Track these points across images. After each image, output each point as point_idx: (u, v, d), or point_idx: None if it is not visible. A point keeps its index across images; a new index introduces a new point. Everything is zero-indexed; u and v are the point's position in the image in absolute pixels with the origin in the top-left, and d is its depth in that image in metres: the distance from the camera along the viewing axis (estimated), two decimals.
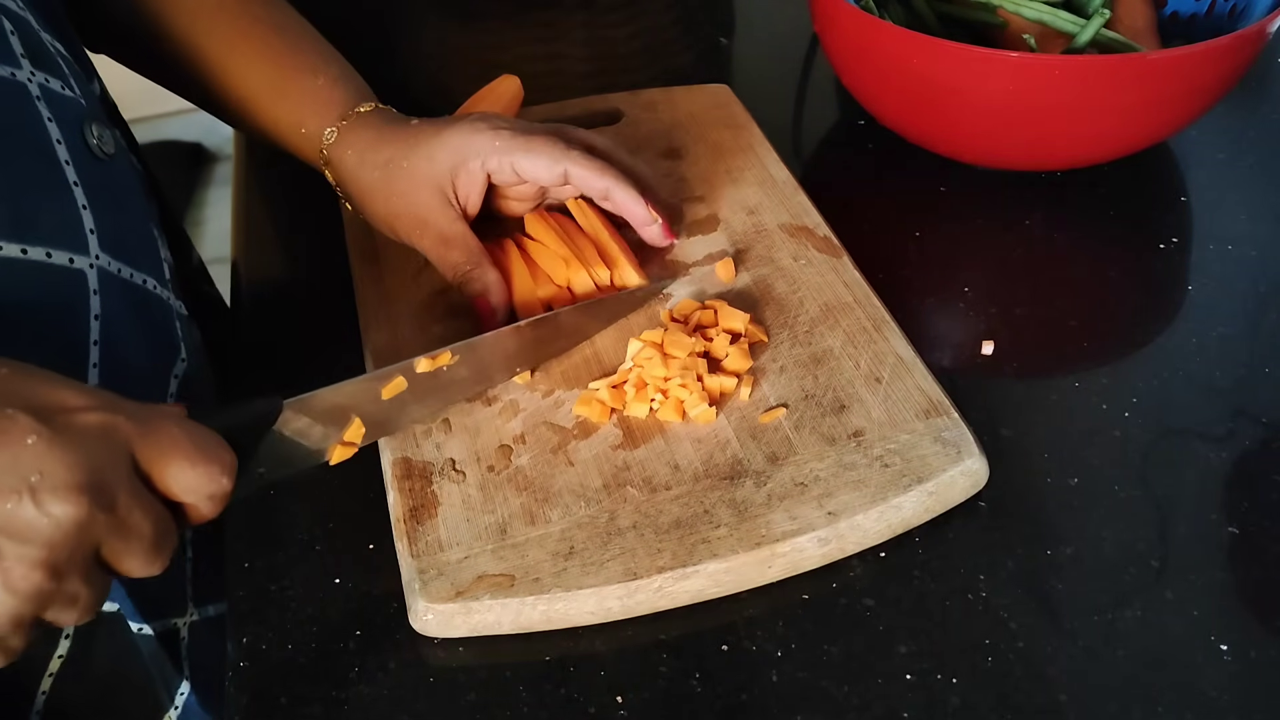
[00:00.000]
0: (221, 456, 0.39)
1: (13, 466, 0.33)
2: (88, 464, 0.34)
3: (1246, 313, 0.62)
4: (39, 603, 0.35)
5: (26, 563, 0.33)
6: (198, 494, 0.38)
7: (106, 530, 0.36)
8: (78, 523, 0.34)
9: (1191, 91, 0.64)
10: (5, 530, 0.33)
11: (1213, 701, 0.45)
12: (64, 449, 0.34)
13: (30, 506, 0.33)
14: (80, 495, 0.34)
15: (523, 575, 0.47)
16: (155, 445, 0.37)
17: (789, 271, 0.62)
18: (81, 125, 0.48)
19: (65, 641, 0.50)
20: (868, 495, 0.50)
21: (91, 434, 0.35)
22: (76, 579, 0.35)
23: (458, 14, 0.97)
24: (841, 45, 0.72)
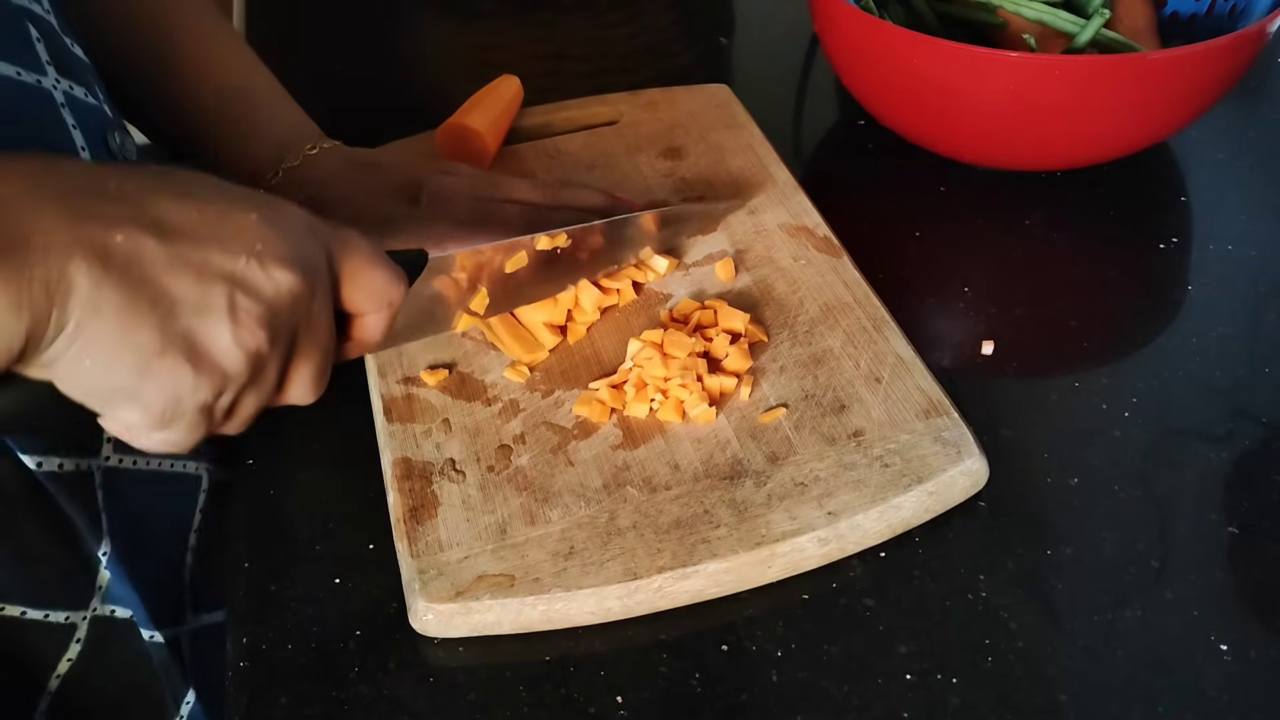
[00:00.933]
0: (398, 268, 0.43)
1: (240, 234, 0.37)
2: (299, 247, 0.38)
3: (1246, 313, 0.62)
4: (251, 368, 0.38)
5: (254, 317, 0.37)
6: (378, 299, 0.42)
7: (305, 320, 0.39)
8: (293, 292, 0.38)
9: (1191, 91, 0.64)
10: (240, 283, 0.36)
11: (1213, 701, 0.45)
12: (281, 230, 0.38)
13: (257, 268, 0.37)
14: (295, 269, 0.38)
15: (523, 575, 0.47)
16: (347, 248, 0.41)
17: (789, 271, 0.62)
18: (105, 133, 0.48)
19: (76, 645, 0.50)
20: (868, 495, 0.50)
21: (300, 225, 0.39)
22: (275, 361, 0.39)
23: (458, 14, 0.97)
24: (841, 45, 0.72)
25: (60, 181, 0.34)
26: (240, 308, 0.36)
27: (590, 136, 0.74)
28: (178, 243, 0.35)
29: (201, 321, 0.36)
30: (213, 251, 0.36)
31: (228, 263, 0.36)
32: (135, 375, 0.35)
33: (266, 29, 0.94)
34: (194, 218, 0.36)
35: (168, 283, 0.35)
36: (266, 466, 0.56)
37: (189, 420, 0.37)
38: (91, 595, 0.50)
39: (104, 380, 0.35)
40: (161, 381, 0.36)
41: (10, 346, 0.33)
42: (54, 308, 0.33)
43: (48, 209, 0.33)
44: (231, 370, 0.37)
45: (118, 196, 0.35)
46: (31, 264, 0.32)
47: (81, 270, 0.33)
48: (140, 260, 0.34)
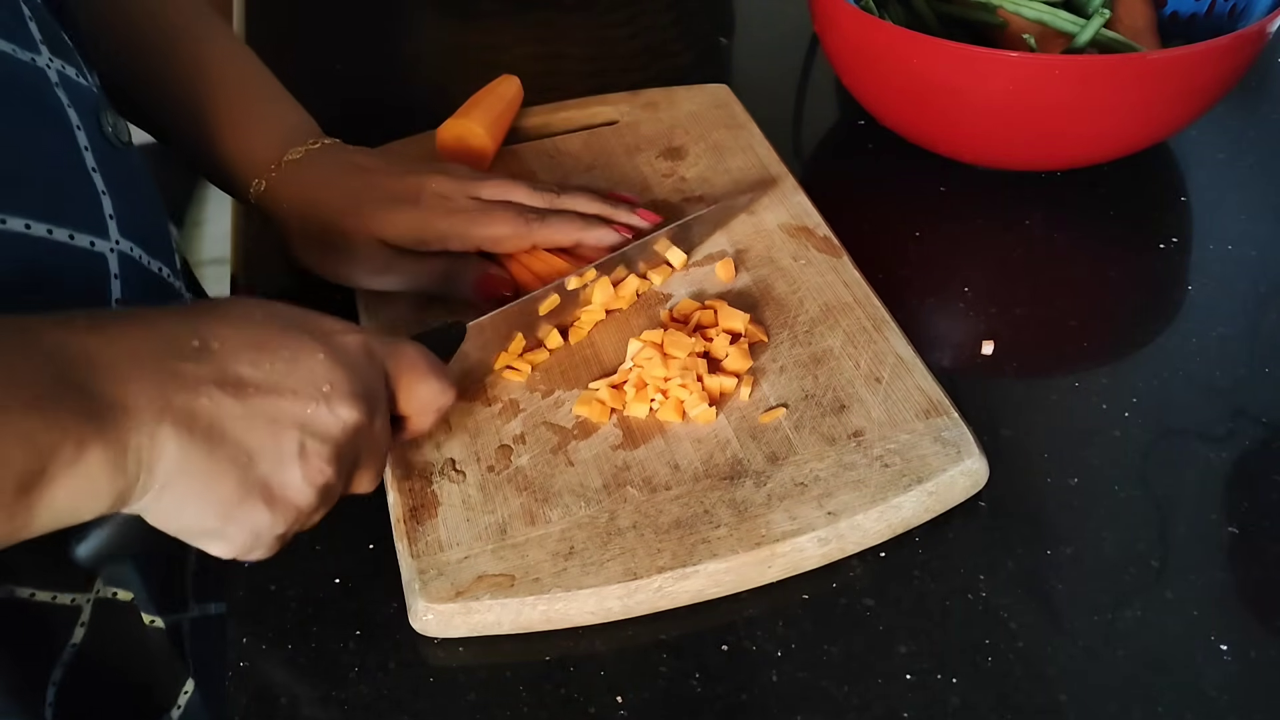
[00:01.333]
0: (448, 374, 0.47)
1: (309, 379, 0.40)
2: (362, 379, 0.42)
3: (1246, 313, 0.62)
4: (320, 499, 0.41)
5: (322, 457, 0.40)
6: (429, 406, 0.46)
7: (367, 442, 0.43)
8: (357, 426, 0.41)
9: (1191, 91, 0.64)
10: (308, 429, 0.40)
11: (1213, 701, 0.45)
12: (343, 365, 0.41)
13: (325, 410, 0.40)
14: (359, 401, 0.41)
15: (523, 575, 0.47)
16: (400, 363, 0.45)
17: (789, 271, 0.62)
18: (98, 113, 0.48)
19: (80, 628, 0.50)
20: (868, 495, 0.50)
21: (356, 351, 0.42)
22: (341, 483, 0.43)
23: (458, 14, 0.97)
24: (841, 45, 0.72)
25: (151, 342, 0.37)
26: (310, 451, 0.40)
27: (590, 136, 0.74)
28: (253, 397, 0.38)
29: (276, 468, 0.39)
30: (285, 401, 0.39)
31: (298, 409, 0.40)
32: (219, 521, 0.39)
33: (266, 29, 0.94)
34: (266, 369, 0.39)
35: (245, 437, 0.38)
36: None
37: (267, 546, 0.42)
38: (95, 577, 0.51)
39: (190, 525, 0.39)
40: (243, 524, 0.40)
41: (99, 506, 0.36)
42: (143, 472, 0.36)
43: (142, 373, 0.36)
44: (302, 505, 0.41)
45: (199, 354, 0.38)
46: (126, 431, 0.35)
47: (171, 437, 0.36)
48: (221, 421, 0.38)
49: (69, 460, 0.34)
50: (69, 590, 0.50)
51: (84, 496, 0.35)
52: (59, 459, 0.34)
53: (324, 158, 0.60)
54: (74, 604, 0.50)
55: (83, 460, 0.34)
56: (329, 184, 0.59)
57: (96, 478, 0.35)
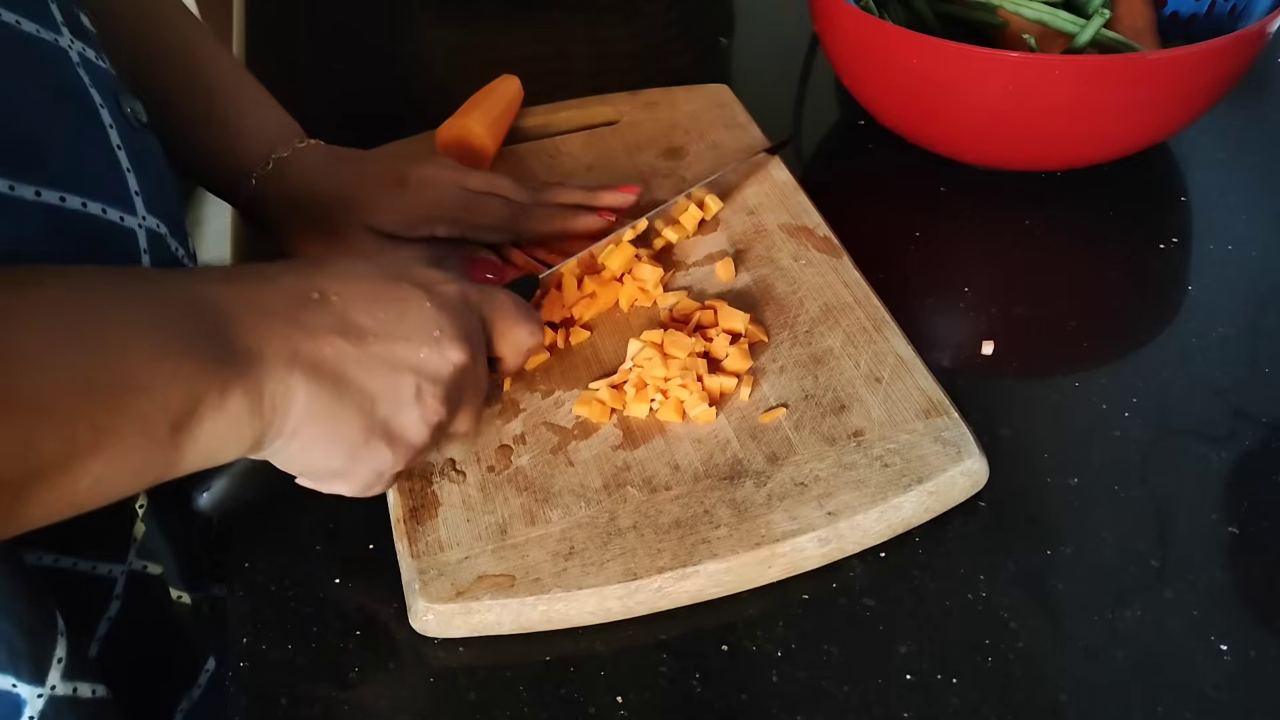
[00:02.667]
0: (539, 319, 0.51)
1: (421, 324, 0.43)
2: (465, 324, 0.45)
3: (1246, 313, 0.62)
4: (434, 436, 0.44)
5: (436, 398, 0.43)
6: (521, 347, 0.49)
7: (470, 382, 0.45)
8: (464, 367, 0.44)
9: (1191, 91, 0.64)
10: (423, 372, 0.42)
11: (1213, 701, 0.45)
12: (448, 311, 0.44)
13: (436, 354, 0.43)
14: (465, 344, 0.44)
15: (523, 575, 0.47)
16: (495, 308, 0.48)
17: (789, 271, 0.62)
18: (117, 94, 0.49)
19: (116, 602, 0.50)
20: (868, 495, 0.50)
21: (457, 299, 0.45)
22: (448, 424, 0.45)
23: (458, 14, 0.97)
24: (841, 45, 0.72)
25: (275, 296, 0.40)
26: (425, 392, 0.43)
27: (590, 136, 0.74)
28: (372, 344, 0.41)
29: (395, 409, 0.42)
30: (400, 346, 0.42)
31: (412, 354, 0.42)
32: (345, 461, 0.42)
33: (266, 29, 0.94)
34: (381, 319, 0.42)
35: (366, 381, 0.41)
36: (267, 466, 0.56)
37: (385, 483, 0.45)
38: (128, 549, 0.51)
39: (319, 466, 0.42)
40: (367, 463, 0.43)
41: (240, 448, 0.38)
42: (278, 415, 0.39)
43: (272, 322, 0.39)
44: (419, 443, 0.44)
45: (319, 306, 0.41)
46: (264, 378, 0.38)
47: (301, 382, 0.39)
48: (345, 367, 0.40)
49: (215, 403, 0.36)
50: (106, 561, 0.50)
51: (227, 438, 0.37)
52: (207, 402, 0.36)
53: (311, 154, 0.62)
54: (110, 575, 0.50)
55: (226, 404, 0.36)
56: (319, 176, 0.61)
57: (238, 420, 0.37)
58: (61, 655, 0.45)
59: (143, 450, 0.35)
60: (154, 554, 0.52)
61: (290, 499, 0.54)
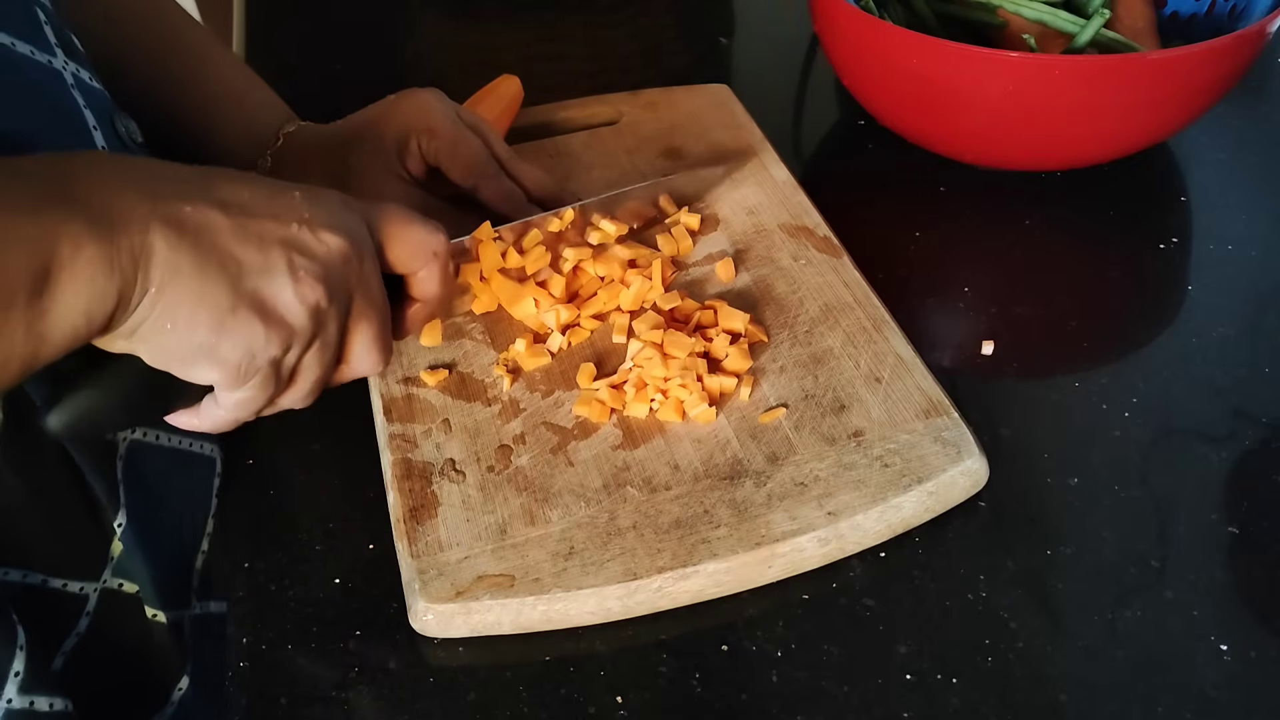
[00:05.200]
0: (434, 221, 0.47)
1: (289, 207, 0.42)
2: (341, 216, 0.43)
3: (1246, 313, 0.62)
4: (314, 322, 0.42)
5: (311, 274, 0.41)
6: (423, 252, 0.46)
7: (357, 280, 0.43)
8: (342, 251, 0.42)
9: (1191, 91, 0.64)
10: (294, 245, 0.41)
11: (1213, 701, 0.45)
12: (322, 204, 0.43)
13: (308, 233, 0.41)
14: (340, 232, 0.42)
15: (523, 575, 0.47)
16: (383, 214, 0.46)
17: (789, 271, 0.62)
18: (110, 115, 0.49)
19: (85, 618, 0.50)
20: (868, 495, 0.50)
21: (336, 200, 0.44)
22: (335, 319, 0.43)
23: (458, 14, 0.97)
24: (841, 45, 0.72)
25: (135, 167, 0.39)
26: (298, 265, 0.41)
27: (590, 136, 0.74)
28: (238, 215, 0.40)
29: (266, 280, 0.40)
30: (268, 221, 0.41)
31: (282, 230, 0.41)
32: (212, 332, 0.39)
33: (266, 29, 0.94)
34: (248, 195, 0.41)
35: (233, 248, 0.39)
36: (267, 467, 0.56)
37: (262, 375, 0.42)
38: (104, 567, 0.51)
39: (185, 339, 0.39)
40: (236, 337, 0.40)
41: (105, 307, 0.37)
42: (139, 271, 0.37)
43: (128, 187, 0.38)
44: (296, 324, 0.41)
45: (184, 179, 0.40)
46: (117, 233, 0.36)
47: (160, 237, 0.37)
48: (208, 228, 0.39)
49: (68, 259, 0.35)
50: (78, 579, 0.50)
51: (88, 296, 0.36)
52: (58, 259, 0.35)
53: (315, 126, 0.63)
54: (82, 593, 0.50)
55: (80, 258, 0.36)
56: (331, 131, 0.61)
57: (96, 276, 0.36)
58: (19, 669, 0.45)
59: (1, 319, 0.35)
60: (130, 573, 0.52)
61: (290, 499, 0.54)
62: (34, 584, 0.48)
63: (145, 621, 0.53)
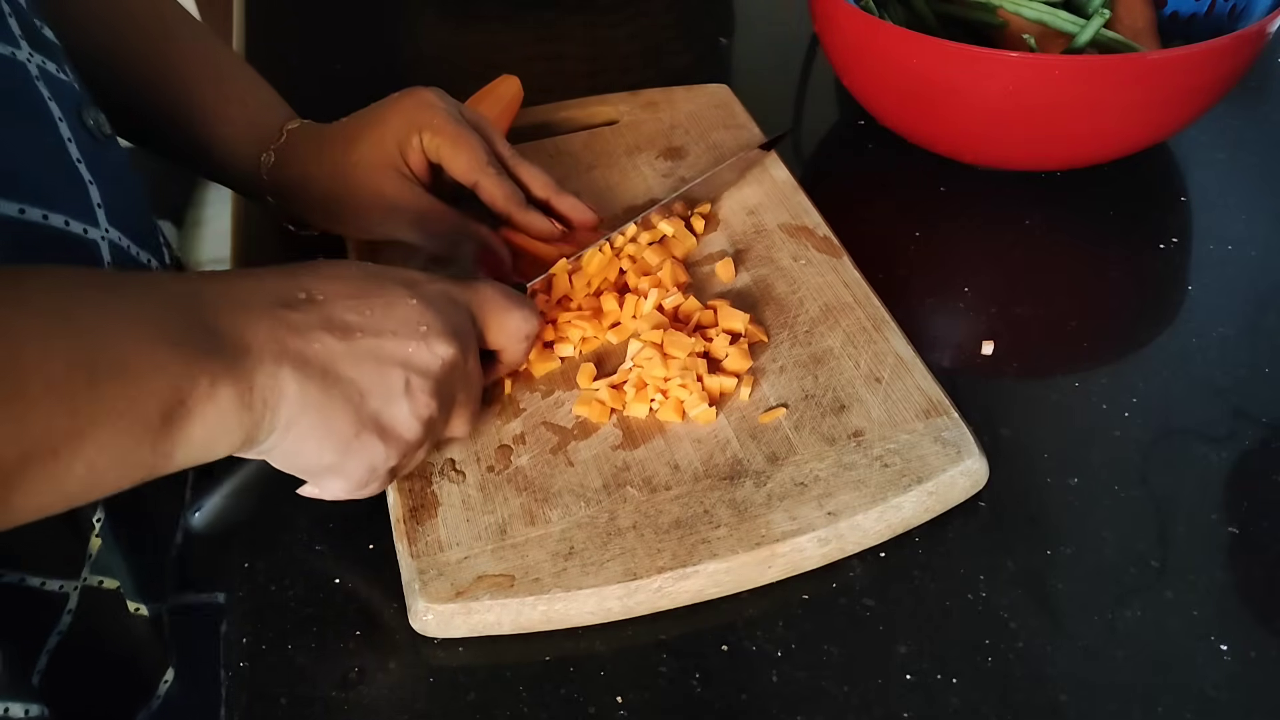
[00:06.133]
0: (530, 303, 0.51)
1: (406, 321, 0.43)
2: (451, 319, 0.45)
3: (1246, 313, 0.62)
4: (425, 435, 0.45)
5: (426, 392, 0.44)
6: (517, 334, 0.50)
7: (462, 380, 0.46)
8: (453, 361, 0.45)
9: (1191, 91, 0.64)
10: (411, 366, 0.43)
11: (1213, 701, 0.45)
12: (433, 308, 0.45)
13: (424, 349, 0.44)
14: (453, 338, 0.45)
15: (523, 575, 0.47)
16: (482, 300, 0.48)
17: (789, 271, 0.62)
18: (79, 107, 0.49)
19: (68, 616, 0.50)
20: (868, 495, 0.50)
21: (441, 296, 0.46)
22: (443, 418, 0.46)
23: (458, 14, 0.97)
24: (841, 45, 0.72)
25: (261, 293, 0.41)
26: (414, 386, 0.43)
27: (590, 136, 0.74)
28: (359, 339, 0.42)
29: (386, 404, 0.43)
30: (387, 341, 0.43)
31: (400, 349, 0.43)
32: (338, 455, 0.43)
33: (266, 29, 0.94)
34: (367, 315, 0.43)
35: (354, 375, 0.42)
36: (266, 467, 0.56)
37: (381, 480, 0.46)
38: (83, 564, 0.51)
39: (312, 461, 0.43)
40: (360, 457, 0.43)
41: (232, 442, 0.39)
42: (267, 411, 0.39)
43: (258, 320, 0.39)
44: (411, 438, 0.44)
45: (305, 305, 0.41)
46: (251, 370, 0.38)
47: (290, 377, 0.40)
48: (333, 362, 0.41)
49: (204, 395, 0.37)
50: (57, 577, 0.50)
51: (218, 431, 0.38)
52: (196, 393, 0.36)
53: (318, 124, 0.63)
54: (61, 591, 0.50)
55: (215, 396, 0.37)
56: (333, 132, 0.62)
57: (227, 413, 0.38)
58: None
59: (133, 439, 0.35)
60: (110, 569, 0.52)
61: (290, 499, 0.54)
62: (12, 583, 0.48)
63: (127, 616, 0.53)
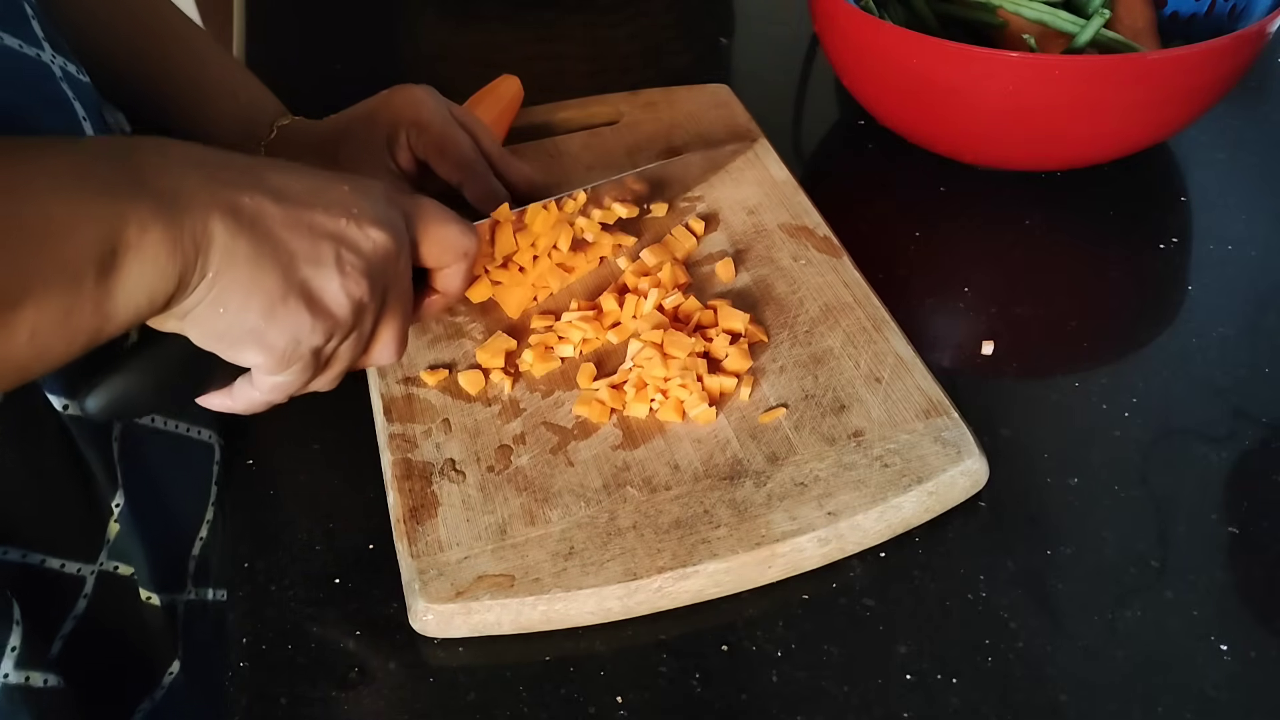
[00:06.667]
0: (468, 222, 0.49)
1: (339, 200, 0.43)
2: (385, 211, 0.45)
3: (1246, 313, 0.62)
4: (354, 315, 0.44)
5: (357, 269, 0.43)
6: (454, 251, 0.48)
7: (393, 276, 0.45)
8: (385, 248, 0.44)
9: (1191, 91, 0.64)
10: (343, 240, 0.42)
11: (1213, 701, 0.45)
12: (369, 198, 0.44)
13: (356, 228, 0.43)
14: (385, 228, 0.44)
15: (523, 575, 0.47)
16: (422, 210, 0.47)
17: (789, 271, 0.62)
18: (100, 107, 0.49)
19: (83, 600, 0.50)
20: (868, 495, 0.50)
21: (381, 193, 0.45)
22: (371, 312, 0.44)
23: (458, 14, 0.97)
24: (841, 45, 0.72)
25: (195, 153, 0.40)
26: (346, 260, 0.42)
27: (590, 136, 0.74)
28: (291, 205, 0.41)
29: (316, 272, 0.42)
30: (319, 214, 0.42)
31: (332, 223, 0.42)
32: (263, 318, 0.41)
33: (266, 29, 0.94)
34: (301, 186, 0.42)
35: (287, 238, 0.41)
36: (266, 467, 0.56)
37: (303, 362, 0.43)
38: (100, 548, 0.51)
39: (236, 323, 0.41)
40: (284, 324, 0.42)
41: (167, 288, 0.38)
42: (199, 256, 0.38)
43: (191, 172, 0.39)
44: (340, 315, 0.43)
45: (241, 168, 0.41)
46: (181, 217, 0.38)
47: (219, 224, 0.39)
48: (264, 218, 0.40)
49: (134, 241, 0.36)
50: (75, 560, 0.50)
51: (151, 278, 0.37)
52: (125, 240, 0.36)
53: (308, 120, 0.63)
54: (79, 574, 0.50)
55: (146, 240, 0.37)
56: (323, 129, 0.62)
57: (159, 258, 0.37)
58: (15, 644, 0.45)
59: (71, 294, 0.36)
60: (126, 555, 0.52)
61: (290, 499, 0.54)
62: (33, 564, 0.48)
63: (139, 604, 0.53)
